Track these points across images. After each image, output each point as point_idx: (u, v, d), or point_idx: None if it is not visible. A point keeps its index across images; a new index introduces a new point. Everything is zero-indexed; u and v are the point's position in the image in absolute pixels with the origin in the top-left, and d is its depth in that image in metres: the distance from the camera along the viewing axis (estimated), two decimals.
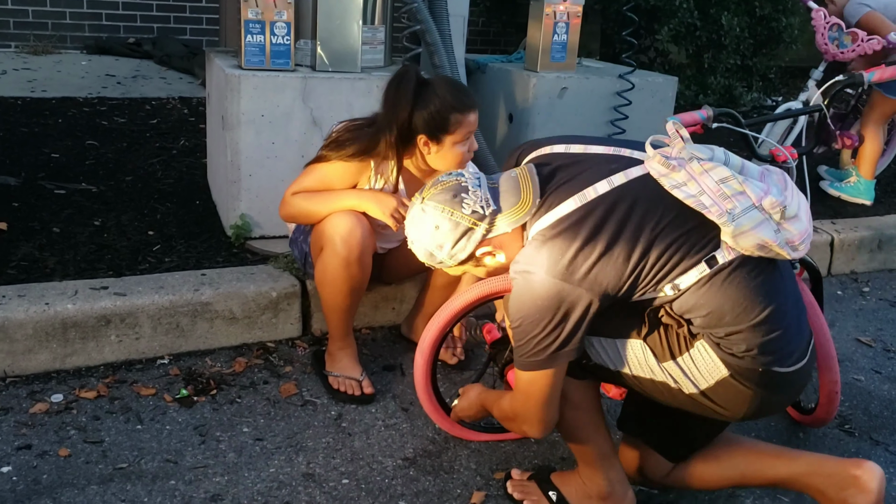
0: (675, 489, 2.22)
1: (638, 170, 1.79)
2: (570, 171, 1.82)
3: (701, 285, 1.72)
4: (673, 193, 1.72)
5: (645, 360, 1.82)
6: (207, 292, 2.67)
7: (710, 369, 1.77)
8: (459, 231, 1.80)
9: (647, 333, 1.81)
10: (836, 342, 3.15)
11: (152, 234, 3.14)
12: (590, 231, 1.71)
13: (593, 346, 1.87)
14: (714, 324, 1.74)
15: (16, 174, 3.59)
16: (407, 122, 2.34)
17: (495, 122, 3.83)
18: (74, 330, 2.50)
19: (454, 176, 1.85)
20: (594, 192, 1.75)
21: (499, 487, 2.18)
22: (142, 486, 2.07)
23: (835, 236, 3.84)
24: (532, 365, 1.76)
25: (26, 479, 2.06)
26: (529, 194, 1.79)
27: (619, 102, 3.67)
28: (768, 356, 1.74)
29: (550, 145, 1.92)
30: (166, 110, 4.84)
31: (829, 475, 1.92)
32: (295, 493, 2.09)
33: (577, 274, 1.69)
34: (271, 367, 2.66)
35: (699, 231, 1.72)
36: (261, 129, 2.99)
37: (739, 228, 1.67)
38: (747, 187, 1.69)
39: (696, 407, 1.85)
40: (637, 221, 1.71)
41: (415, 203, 1.86)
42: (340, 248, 2.38)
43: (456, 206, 1.79)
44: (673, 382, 1.82)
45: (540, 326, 1.71)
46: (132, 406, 2.39)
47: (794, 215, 1.72)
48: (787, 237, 1.71)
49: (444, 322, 2.25)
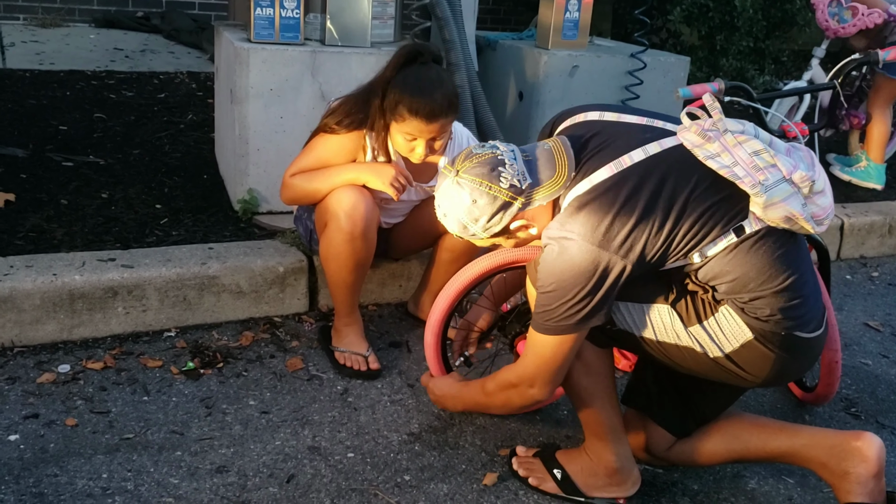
0: (679, 468, 2.22)
1: (671, 140, 1.82)
2: (604, 139, 1.84)
3: (727, 252, 1.76)
4: (706, 164, 1.76)
5: (671, 324, 1.85)
6: (214, 266, 2.67)
7: (735, 333, 1.81)
8: (497, 205, 1.81)
9: (674, 299, 1.84)
10: (845, 326, 3.15)
11: (160, 208, 3.14)
12: (625, 198, 1.73)
13: (620, 312, 1.88)
14: (739, 289, 1.78)
15: (24, 146, 3.58)
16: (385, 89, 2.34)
17: (505, 100, 3.81)
18: (82, 301, 2.50)
19: (488, 148, 1.85)
20: (629, 160, 1.78)
21: (503, 464, 2.18)
22: (148, 457, 2.08)
23: (845, 220, 3.81)
24: (559, 329, 1.78)
25: (33, 447, 2.07)
26: (565, 167, 1.81)
27: (630, 82, 3.64)
28: (791, 321, 1.79)
29: (584, 112, 1.95)
30: (174, 84, 4.82)
31: (830, 447, 1.96)
32: (300, 466, 2.10)
33: (614, 241, 1.72)
34: (278, 341, 2.66)
35: (729, 201, 1.76)
36: (269, 102, 2.97)
37: (770, 200, 1.71)
38: (778, 161, 1.74)
39: (719, 372, 1.87)
40: (671, 190, 1.75)
41: (447, 175, 1.86)
42: (344, 223, 2.37)
43: (494, 180, 1.80)
44: (699, 347, 1.84)
45: (573, 292, 1.73)
46: (139, 378, 2.39)
47: (820, 190, 1.78)
48: (813, 211, 1.76)
49: (454, 296, 2.25)
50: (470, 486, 2.09)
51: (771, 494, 2.18)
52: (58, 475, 1.98)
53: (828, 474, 1.96)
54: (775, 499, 2.16)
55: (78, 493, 1.93)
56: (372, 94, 2.38)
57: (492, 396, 2.00)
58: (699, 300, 1.83)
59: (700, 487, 2.18)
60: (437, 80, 2.32)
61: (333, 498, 2.00)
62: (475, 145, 1.89)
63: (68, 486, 1.95)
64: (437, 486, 2.08)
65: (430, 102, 2.27)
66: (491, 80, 3.89)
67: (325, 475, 2.08)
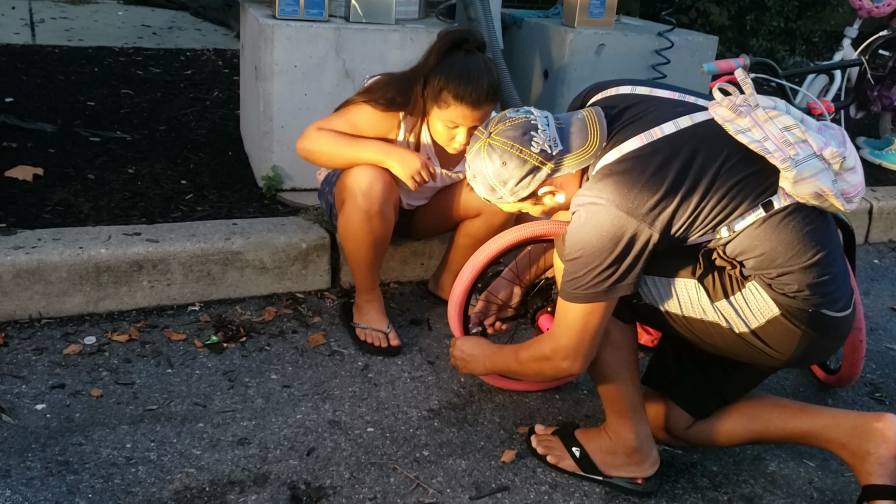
0: (699, 449, 2.22)
1: (703, 115, 1.83)
2: (636, 112, 1.85)
3: (756, 227, 1.76)
4: (737, 138, 1.76)
5: (698, 299, 1.84)
6: (238, 241, 2.69)
7: (761, 308, 1.80)
8: (526, 169, 1.82)
9: (701, 274, 1.83)
10: (871, 311, 3.11)
11: (185, 184, 3.16)
12: (655, 168, 1.74)
13: (646, 286, 1.88)
14: (767, 265, 1.77)
15: (52, 121, 3.62)
16: (428, 76, 2.31)
17: (530, 79, 3.78)
18: (107, 274, 2.53)
19: (523, 113, 1.87)
20: (660, 132, 1.78)
21: (522, 442, 2.19)
22: (171, 428, 2.11)
23: (874, 204, 3.76)
24: (588, 297, 1.78)
25: (59, 416, 2.11)
26: (597, 136, 1.82)
27: (657, 61, 3.60)
28: (819, 298, 1.78)
29: (616, 87, 1.95)
30: (201, 62, 4.84)
31: (851, 428, 1.95)
32: (321, 439, 2.12)
33: (642, 208, 1.72)
34: (300, 317, 2.68)
35: (759, 176, 1.76)
36: (293, 79, 2.98)
37: (800, 174, 1.71)
38: (809, 136, 1.74)
39: (744, 349, 1.86)
40: (701, 163, 1.75)
41: (479, 138, 1.87)
42: (361, 202, 2.37)
43: (525, 144, 1.81)
44: (724, 322, 1.84)
45: (600, 258, 1.73)
46: (163, 350, 2.42)
47: (851, 167, 1.77)
48: (843, 188, 1.76)
49: (480, 265, 2.25)
50: (488, 463, 2.10)
51: (791, 477, 2.17)
52: (83, 444, 2.02)
53: (848, 455, 1.95)
54: (795, 482, 2.15)
55: (102, 461, 1.97)
56: (414, 79, 2.35)
57: (524, 365, 1.99)
58: (726, 276, 1.82)
59: (719, 469, 2.17)
60: (484, 67, 2.29)
61: (353, 471, 2.02)
62: (510, 109, 1.90)
63: (93, 455, 1.98)
64: (455, 461, 2.09)
65: (476, 89, 2.24)
66: (516, 58, 3.87)
67: (345, 449, 2.10)
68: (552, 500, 2.00)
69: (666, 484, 2.09)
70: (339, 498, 1.94)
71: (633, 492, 2.03)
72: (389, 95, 2.38)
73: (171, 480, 1.93)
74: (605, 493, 2.04)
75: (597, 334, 1.84)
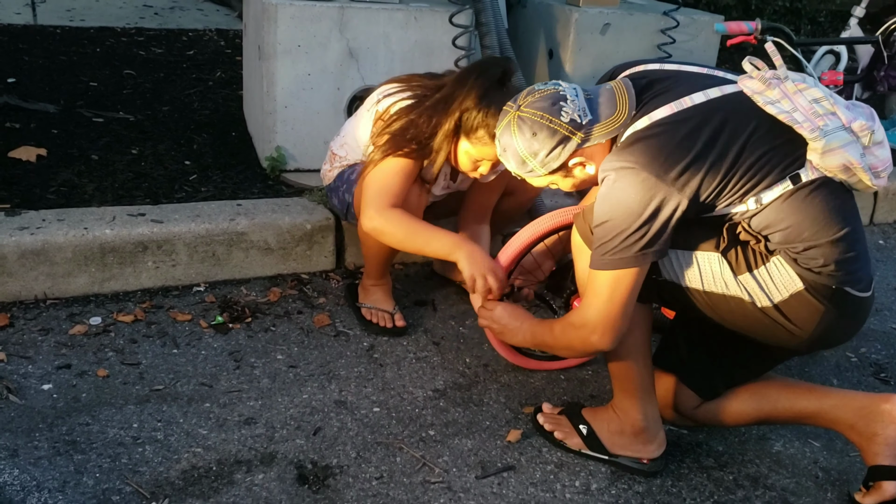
0: (704, 429, 2.22)
1: (732, 87, 1.83)
2: (665, 84, 1.85)
3: (783, 200, 1.75)
4: (766, 109, 1.76)
5: (721, 273, 1.83)
6: (243, 222, 2.68)
7: (785, 283, 1.80)
8: (556, 139, 1.81)
9: (725, 248, 1.83)
10: (877, 291, 3.10)
11: (188, 164, 3.15)
12: (684, 135, 1.73)
13: (668, 259, 1.87)
14: (793, 238, 1.76)
15: (55, 101, 3.61)
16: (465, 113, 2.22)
17: (535, 59, 3.76)
18: (112, 255, 2.53)
19: (551, 85, 1.86)
20: (690, 101, 1.78)
21: (528, 422, 2.19)
22: (177, 408, 2.11)
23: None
24: (616, 263, 1.76)
25: (66, 396, 2.11)
26: (625, 106, 1.81)
27: (662, 40, 3.58)
28: (844, 274, 1.78)
29: (643, 65, 1.95)
30: (203, 42, 4.82)
31: (859, 408, 1.95)
32: (327, 419, 2.12)
33: (671, 173, 1.71)
34: (305, 297, 2.68)
35: (787, 148, 1.76)
36: (297, 59, 2.96)
37: (829, 145, 1.71)
38: (838, 109, 1.74)
39: (765, 324, 1.85)
40: (730, 132, 1.75)
41: (509, 112, 1.87)
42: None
43: (555, 114, 1.80)
44: (747, 296, 1.83)
45: (628, 222, 1.73)
46: (168, 331, 2.42)
47: (880, 141, 1.77)
48: (871, 162, 1.75)
49: (519, 249, 2.24)
50: (494, 443, 2.11)
51: (796, 457, 2.17)
52: (90, 424, 2.02)
53: (855, 436, 1.95)
54: (801, 461, 2.16)
55: (109, 441, 1.97)
56: (444, 112, 2.24)
57: (558, 338, 1.97)
58: (750, 250, 1.82)
59: (725, 449, 2.18)
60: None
61: (359, 450, 2.03)
62: (538, 83, 1.90)
63: (100, 435, 1.99)
64: (461, 441, 2.10)
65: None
66: (520, 38, 3.84)
67: (352, 428, 2.10)
68: (558, 479, 2.01)
69: (671, 463, 2.09)
70: (346, 477, 1.94)
71: (638, 471, 2.04)
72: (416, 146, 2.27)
73: (178, 460, 1.94)
74: (611, 473, 2.04)
75: (626, 305, 1.81)
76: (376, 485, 1.93)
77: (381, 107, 2.35)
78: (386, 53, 3.05)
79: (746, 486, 2.06)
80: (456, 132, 2.26)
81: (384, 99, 2.35)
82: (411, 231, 2.24)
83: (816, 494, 2.05)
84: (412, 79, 2.40)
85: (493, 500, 1.92)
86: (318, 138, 3.06)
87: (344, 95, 3.06)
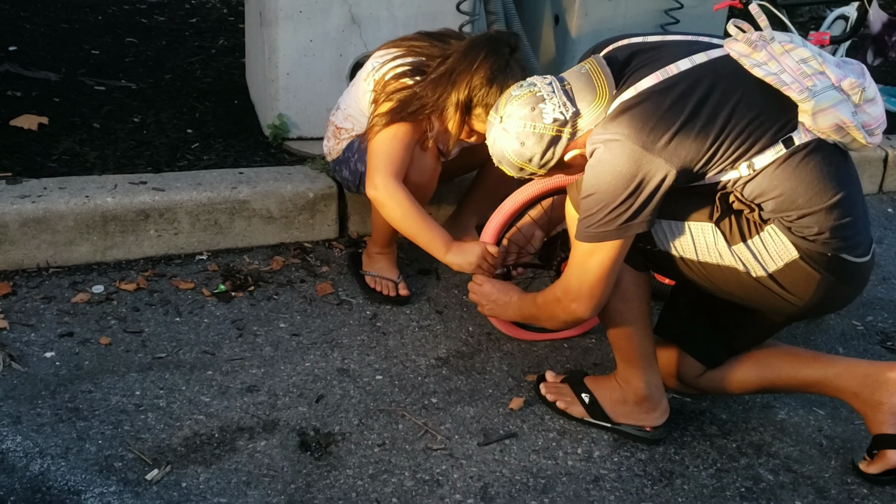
0: (708, 397, 2.21)
1: (718, 51, 1.81)
2: (649, 54, 1.83)
3: (776, 166, 1.73)
4: (753, 72, 1.74)
5: (714, 243, 1.82)
6: (245, 190, 2.67)
7: (779, 252, 1.78)
8: (545, 142, 1.80)
9: (718, 218, 1.81)
10: (885, 259, 3.08)
11: (191, 133, 3.13)
12: (671, 102, 1.72)
13: (661, 230, 1.86)
14: (786, 206, 1.74)
15: (56, 70, 3.58)
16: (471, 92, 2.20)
17: (540, 25, 3.70)
18: (114, 223, 2.52)
19: (527, 87, 1.84)
20: (676, 69, 1.76)
21: (530, 390, 2.19)
22: (180, 375, 2.11)
23: (889, 152, 3.69)
24: (600, 235, 1.76)
25: (69, 364, 2.11)
26: (605, 86, 1.79)
27: (670, 6, 3.52)
28: (839, 241, 1.76)
29: (627, 38, 1.92)
30: (206, 9, 4.77)
31: (864, 377, 1.94)
32: (329, 387, 2.12)
33: (658, 143, 1.69)
34: (308, 266, 2.67)
35: (777, 110, 1.74)
36: (298, 24, 2.92)
37: (819, 105, 1.68)
38: (826, 68, 1.72)
39: (761, 293, 1.84)
40: (718, 97, 1.73)
41: (494, 123, 1.86)
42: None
43: (537, 119, 1.79)
44: (741, 266, 1.82)
45: (615, 193, 1.72)
46: (171, 299, 2.42)
47: (871, 98, 1.74)
48: (863, 120, 1.73)
49: (505, 216, 2.24)
50: (496, 410, 2.10)
51: (801, 425, 2.16)
52: (92, 391, 2.03)
53: (860, 404, 1.94)
54: (805, 429, 2.15)
55: (112, 408, 1.98)
56: (451, 88, 2.21)
57: (541, 308, 1.99)
58: (744, 219, 1.80)
59: (728, 417, 2.17)
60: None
61: (361, 418, 2.03)
62: (514, 87, 1.87)
63: (102, 402, 1.99)
64: (463, 408, 2.10)
65: None
66: (526, 3, 3.78)
67: (354, 396, 2.10)
68: (560, 447, 2.01)
69: (675, 431, 2.09)
70: (348, 444, 1.94)
71: (641, 439, 2.04)
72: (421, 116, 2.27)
73: (181, 427, 1.94)
74: (614, 440, 2.04)
75: (608, 277, 1.82)
76: (378, 451, 1.93)
77: (378, 75, 2.32)
78: (389, 19, 3.00)
79: (750, 453, 2.05)
80: (464, 107, 2.22)
81: (382, 66, 2.32)
82: (409, 215, 2.24)
83: (820, 462, 2.04)
84: (407, 42, 2.37)
85: (495, 466, 1.92)
86: (321, 106, 3.02)
87: (346, 62, 3.02)
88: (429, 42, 2.35)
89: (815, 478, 2.00)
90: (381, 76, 2.31)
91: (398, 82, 2.28)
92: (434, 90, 2.23)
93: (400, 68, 2.29)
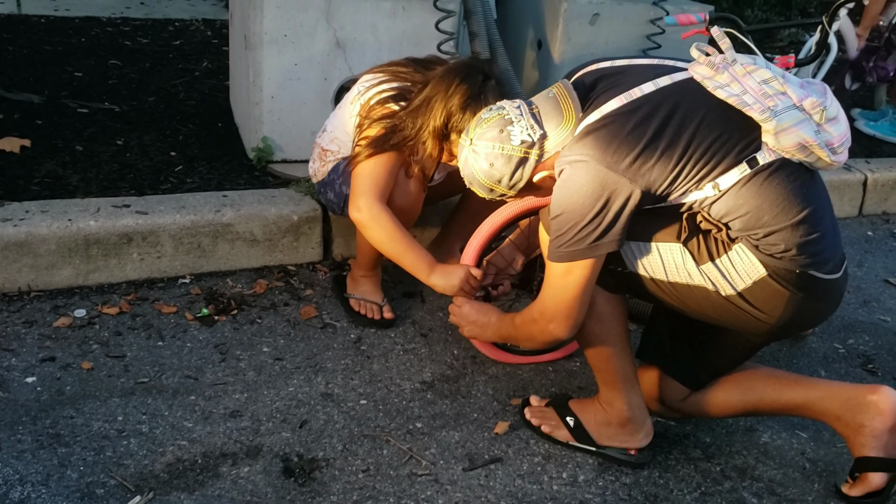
0: (692, 421, 2.22)
1: (682, 74, 1.84)
2: (614, 78, 1.86)
3: (741, 185, 1.75)
4: (716, 94, 1.77)
5: (683, 263, 1.84)
6: (229, 213, 2.66)
7: (748, 270, 1.80)
8: (514, 163, 1.83)
9: (686, 238, 1.83)
10: (865, 283, 3.11)
11: (174, 155, 3.12)
12: (635, 124, 1.74)
13: (631, 251, 1.87)
14: (753, 224, 1.76)
15: (39, 92, 3.57)
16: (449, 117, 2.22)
17: (523, 49, 3.74)
18: (97, 247, 2.50)
19: (496, 111, 1.87)
20: (640, 92, 1.79)
21: (515, 413, 2.19)
22: (162, 401, 2.09)
23: (868, 175, 3.75)
24: (570, 255, 1.78)
25: (50, 389, 2.09)
26: (571, 109, 1.82)
27: (652, 31, 3.56)
28: (806, 258, 1.77)
29: (595, 63, 1.96)
30: (189, 32, 4.78)
31: (846, 400, 1.95)
32: (313, 412, 2.11)
33: (622, 163, 1.72)
34: (292, 289, 2.66)
35: (740, 131, 1.76)
36: (283, 48, 2.93)
37: (781, 125, 1.71)
38: (788, 88, 1.74)
39: (732, 312, 1.85)
40: (681, 118, 1.75)
41: (464, 145, 1.89)
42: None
43: (505, 141, 1.82)
44: (711, 285, 1.83)
45: (582, 213, 1.74)
46: (153, 323, 2.40)
47: (833, 117, 1.76)
48: (827, 139, 1.74)
49: (484, 238, 2.26)
50: (481, 434, 2.10)
51: (784, 448, 2.17)
52: (74, 417, 2.00)
53: (842, 427, 1.96)
54: (788, 452, 2.16)
55: (94, 434, 1.96)
56: (429, 116, 2.23)
57: (519, 329, 2.01)
58: (711, 239, 1.82)
59: (712, 440, 2.17)
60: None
61: (346, 443, 2.01)
62: (484, 110, 1.91)
63: (84, 428, 1.97)
64: (448, 433, 2.09)
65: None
66: (509, 27, 3.82)
67: (338, 421, 2.09)
68: (545, 471, 2.00)
69: (659, 455, 2.09)
70: (332, 470, 1.93)
71: (626, 462, 2.04)
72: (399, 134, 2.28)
73: (164, 453, 1.93)
74: (598, 465, 2.04)
75: (582, 296, 1.84)
76: (363, 477, 1.92)
77: (363, 99, 2.34)
78: (374, 43, 3.03)
79: (734, 477, 2.06)
80: (441, 134, 2.25)
81: (368, 91, 2.34)
82: (393, 237, 2.25)
83: (803, 485, 2.05)
84: (393, 67, 2.39)
85: (480, 492, 1.92)
86: (305, 129, 3.03)
87: (331, 86, 3.04)
88: (413, 68, 2.37)
89: (799, 501, 2.00)
90: (367, 100, 2.33)
91: (383, 107, 2.30)
92: (414, 120, 2.26)
93: (385, 93, 2.31)
